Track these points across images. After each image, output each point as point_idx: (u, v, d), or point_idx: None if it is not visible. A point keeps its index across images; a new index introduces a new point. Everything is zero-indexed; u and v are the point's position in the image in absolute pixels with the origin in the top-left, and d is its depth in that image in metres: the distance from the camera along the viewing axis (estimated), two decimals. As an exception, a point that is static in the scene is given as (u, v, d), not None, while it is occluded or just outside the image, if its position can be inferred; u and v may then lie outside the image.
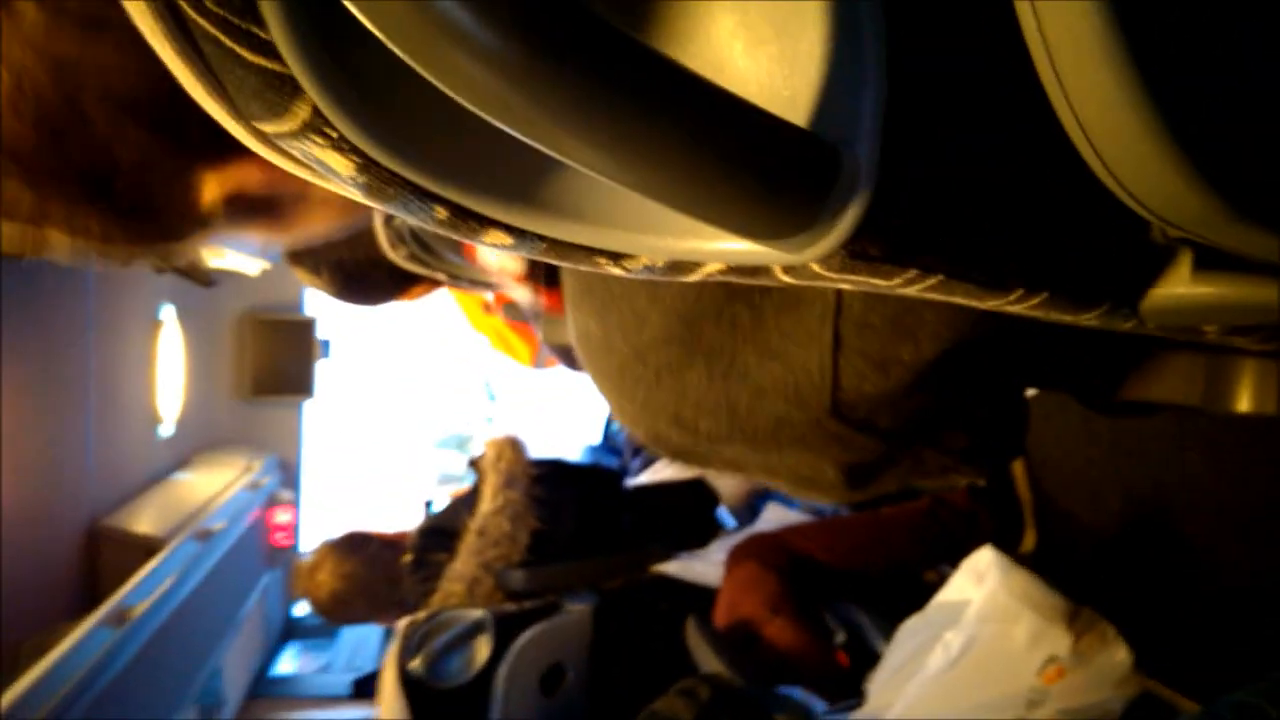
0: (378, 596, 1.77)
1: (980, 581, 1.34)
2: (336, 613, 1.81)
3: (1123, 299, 0.40)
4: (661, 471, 2.28)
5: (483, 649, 1.59)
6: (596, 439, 3.05)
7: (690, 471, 2.18)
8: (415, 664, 1.54)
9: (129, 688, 1.74)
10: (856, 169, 0.26)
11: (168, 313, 2.56)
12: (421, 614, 1.63)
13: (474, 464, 1.83)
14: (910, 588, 1.64)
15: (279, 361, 2.98)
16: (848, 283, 0.33)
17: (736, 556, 1.64)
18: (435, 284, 1.24)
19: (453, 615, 1.62)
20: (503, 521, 1.70)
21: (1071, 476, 1.67)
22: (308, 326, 3.04)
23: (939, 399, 0.60)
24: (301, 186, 0.82)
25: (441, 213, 0.29)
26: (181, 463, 2.64)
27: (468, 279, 1.09)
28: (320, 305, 3.15)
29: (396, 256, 1.01)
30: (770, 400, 0.58)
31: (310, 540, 2.86)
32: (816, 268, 0.31)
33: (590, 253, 0.32)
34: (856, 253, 0.30)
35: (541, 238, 0.31)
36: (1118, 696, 1.22)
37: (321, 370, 3.11)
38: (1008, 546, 1.35)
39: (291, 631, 3.14)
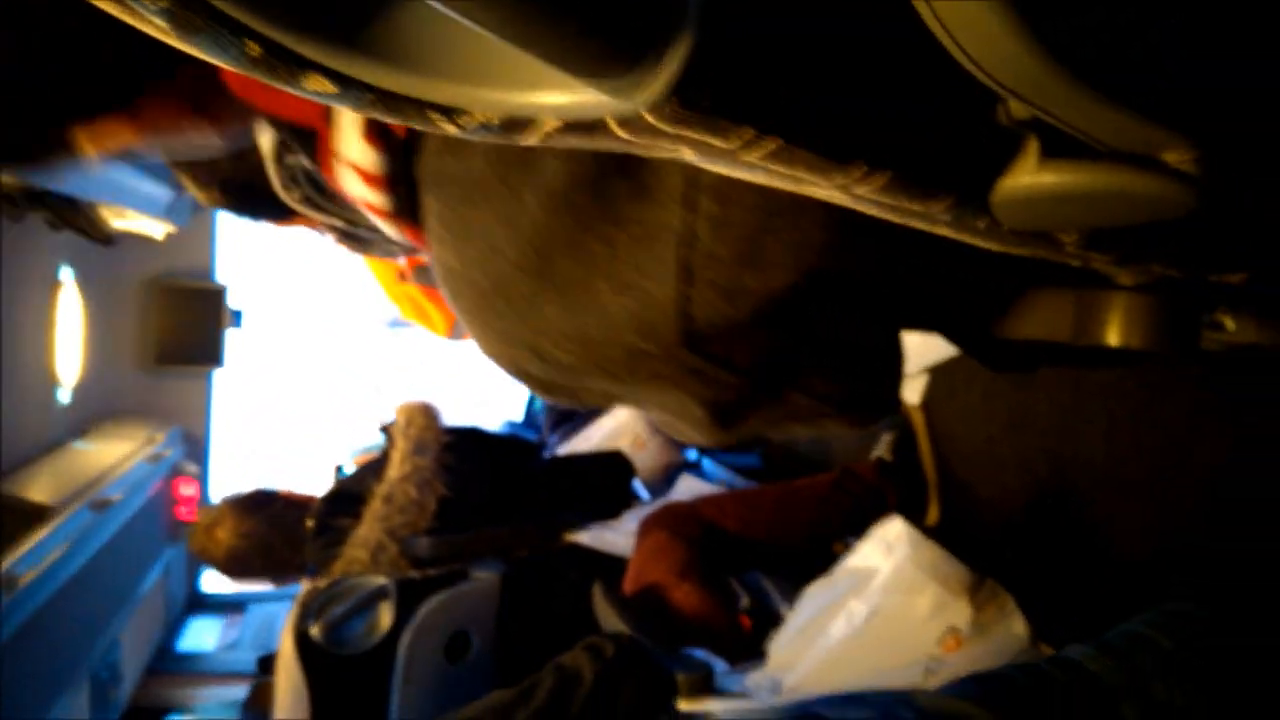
0: (278, 558, 1.72)
1: (889, 552, 1.36)
2: (233, 571, 1.76)
3: (971, 190, 0.41)
4: (580, 446, 2.28)
5: (385, 616, 1.56)
6: (517, 415, 3.03)
7: (607, 445, 2.18)
8: (314, 630, 1.51)
9: (15, 657, 1.67)
10: (684, 7, 0.26)
11: (66, 275, 2.46)
12: (322, 580, 1.60)
13: (384, 429, 1.80)
14: (817, 558, 1.67)
15: (187, 330, 2.88)
16: (686, 143, 0.33)
17: (648, 526, 1.64)
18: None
19: (355, 582, 1.59)
20: (410, 489, 1.67)
21: (973, 452, 1.71)
22: (218, 295, 2.95)
23: (795, 336, 0.60)
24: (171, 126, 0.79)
25: (254, 49, 0.27)
26: (80, 431, 2.53)
27: (366, 227, 1.06)
28: (233, 273, 3.06)
29: (290, 199, 0.97)
30: (622, 333, 0.57)
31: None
32: (650, 118, 0.30)
33: (422, 107, 0.31)
34: (689, 101, 0.30)
35: (369, 88, 0.30)
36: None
37: (232, 340, 3.01)
38: (912, 519, 1.37)
39: (198, 606, 3.05)
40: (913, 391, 1.77)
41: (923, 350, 1.68)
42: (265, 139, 0.90)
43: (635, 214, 0.54)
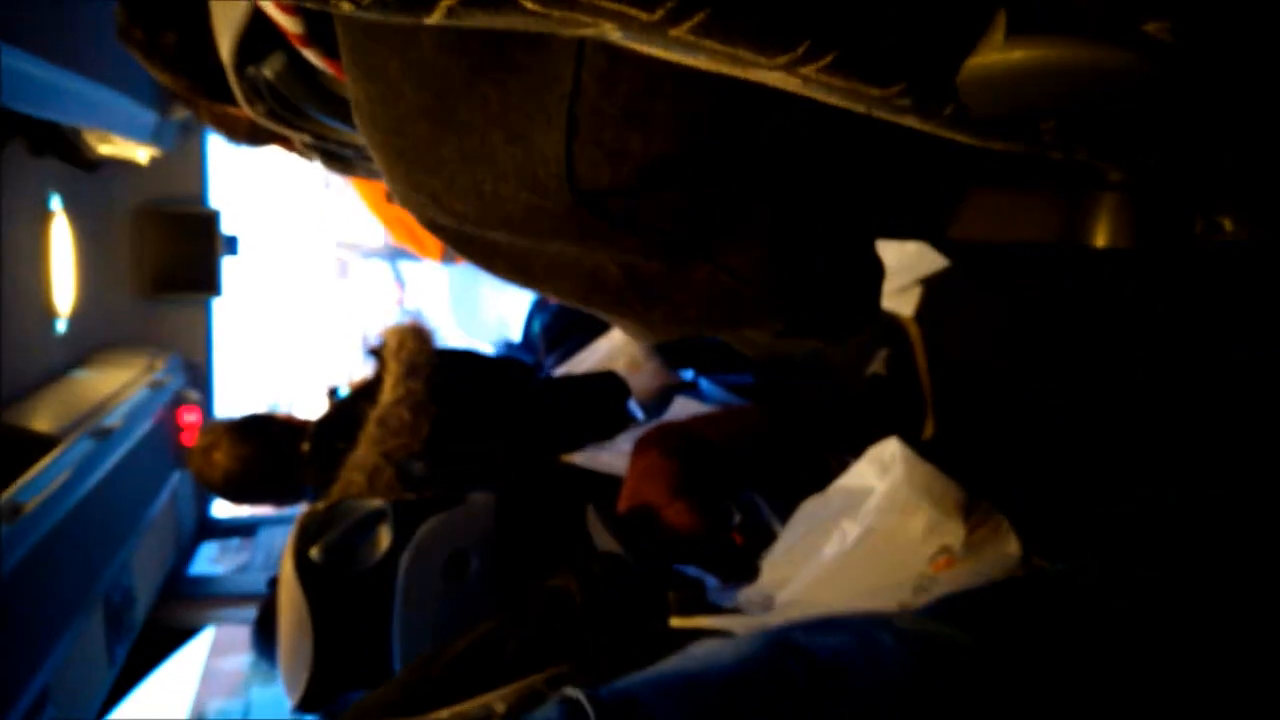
0: (275, 481, 1.74)
1: (884, 472, 1.36)
2: (231, 494, 1.78)
3: (933, 72, 0.38)
4: (576, 369, 2.27)
5: (384, 538, 1.58)
6: (515, 336, 3.02)
7: (603, 367, 2.18)
8: (313, 552, 1.52)
9: (24, 583, 1.71)
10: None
11: (57, 204, 2.43)
12: (321, 504, 1.61)
13: (375, 352, 1.79)
14: (813, 474, 1.67)
15: (181, 257, 2.86)
16: (606, 16, 0.30)
17: (641, 445, 1.65)
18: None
19: (353, 505, 1.60)
20: (403, 411, 1.67)
21: (970, 367, 1.70)
22: (210, 220, 2.92)
23: (693, 202, 0.58)
24: None
25: None
26: (79, 361, 2.54)
27: (335, 141, 1.03)
28: (225, 199, 3.02)
29: (255, 114, 0.94)
30: (514, 186, 0.56)
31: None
32: None
33: None
34: None
35: None
36: (1003, 584, 1.26)
37: (228, 267, 3.00)
38: (909, 434, 1.36)
39: (209, 531, 3.11)
40: (905, 304, 1.74)
41: (915, 261, 1.65)
42: (225, 45, 0.87)
43: (529, 60, 0.52)
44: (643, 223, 0.58)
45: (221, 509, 3.19)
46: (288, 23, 0.67)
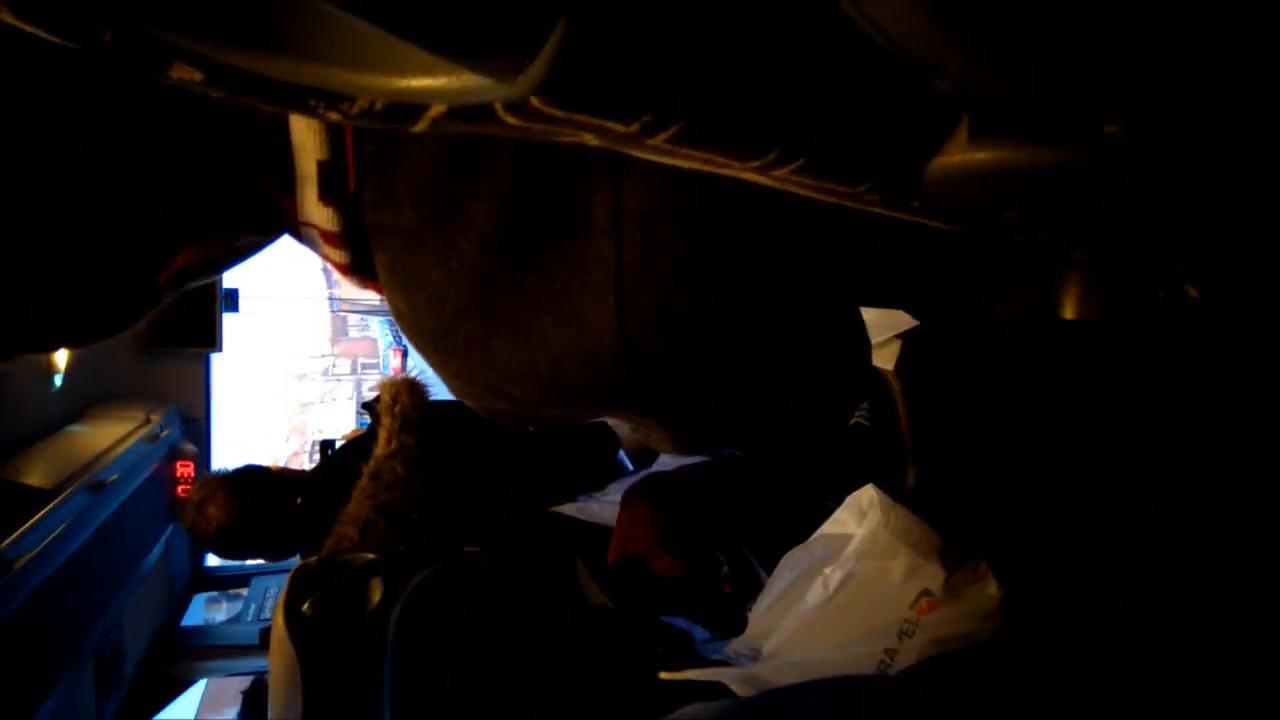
0: (267, 535, 1.74)
1: (862, 518, 1.38)
2: (224, 548, 1.78)
3: (900, 171, 0.41)
4: (569, 418, 2.29)
5: (375, 591, 1.58)
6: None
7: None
8: (305, 607, 1.53)
9: (13, 639, 1.70)
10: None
11: (57, 259, 2.46)
12: (313, 557, 1.62)
13: (369, 406, 1.81)
14: (801, 523, 1.68)
15: (180, 313, 2.88)
16: (585, 128, 0.33)
17: (630, 496, 1.66)
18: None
19: (345, 558, 1.62)
20: (397, 465, 1.68)
21: (948, 415, 1.71)
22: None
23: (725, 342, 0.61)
24: None
25: (105, 35, 0.26)
26: (75, 415, 2.56)
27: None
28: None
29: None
30: (570, 363, 0.59)
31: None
32: (538, 103, 0.30)
33: (302, 94, 0.30)
34: (576, 83, 0.29)
35: (242, 74, 0.29)
36: (986, 628, 1.28)
37: (227, 322, 3.03)
38: (892, 483, 1.38)
39: (203, 582, 3.10)
40: (886, 357, 1.77)
41: (895, 316, 1.67)
42: None
43: (568, 249, 0.55)
44: (684, 380, 0.61)
45: (215, 560, 3.18)
46: (336, 255, 0.71)
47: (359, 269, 0.70)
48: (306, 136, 0.61)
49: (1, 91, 0.51)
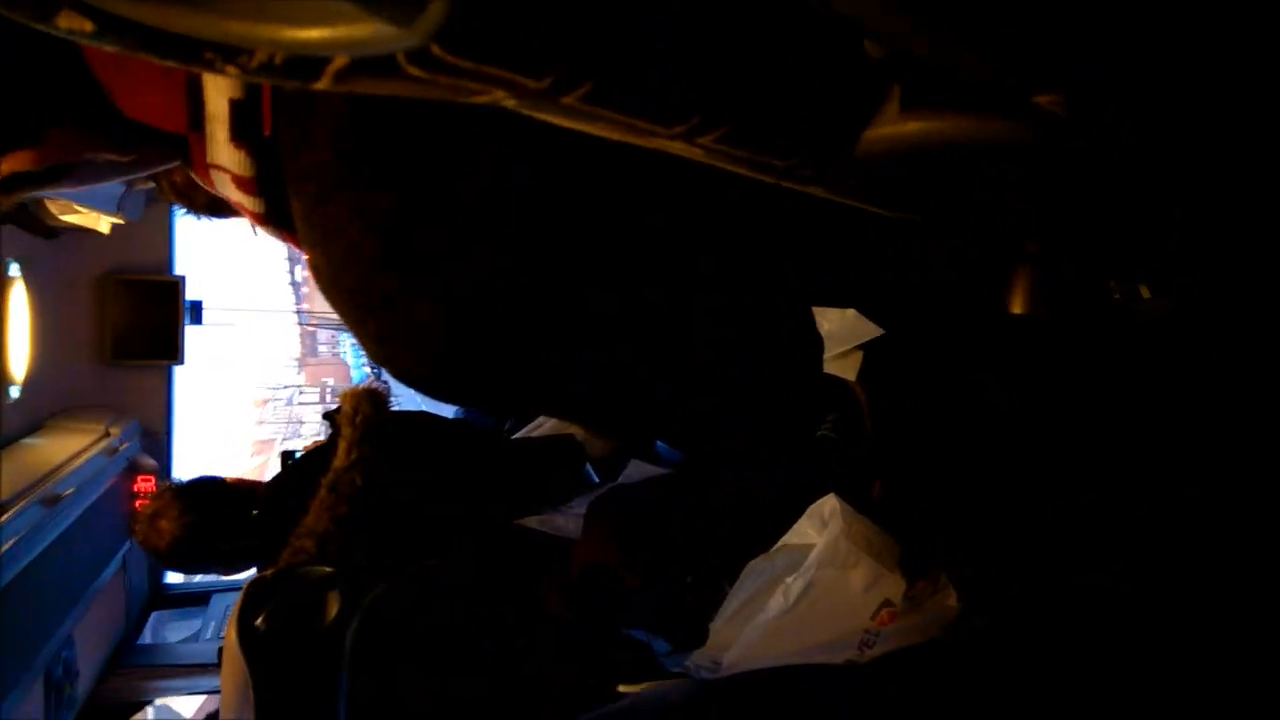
0: (223, 548, 1.70)
1: (823, 527, 1.38)
2: (177, 561, 1.73)
3: (830, 144, 0.40)
4: (534, 432, 2.27)
5: (332, 605, 1.55)
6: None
7: (560, 430, 2.18)
8: (259, 621, 1.50)
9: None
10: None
11: (15, 270, 2.42)
12: (269, 570, 1.59)
13: (329, 417, 1.78)
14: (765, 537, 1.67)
15: (143, 324, 2.84)
16: (495, 83, 0.31)
17: (595, 509, 1.65)
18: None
19: (301, 571, 1.58)
20: (356, 477, 1.66)
21: (912, 424, 1.71)
22: (173, 288, 2.92)
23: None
24: None
25: None
26: (33, 428, 2.50)
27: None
28: (193, 268, 3.03)
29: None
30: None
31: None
32: (441, 52, 0.29)
33: (198, 46, 0.28)
34: (480, 31, 0.28)
35: (133, 25, 0.27)
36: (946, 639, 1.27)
37: (191, 335, 2.99)
38: (858, 494, 1.38)
39: (161, 600, 3.03)
40: (849, 368, 1.77)
41: (854, 327, 1.68)
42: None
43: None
44: None
45: (176, 576, 3.12)
46: (249, 203, 0.68)
47: (274, 219, 0.67)
48: None
49: None
